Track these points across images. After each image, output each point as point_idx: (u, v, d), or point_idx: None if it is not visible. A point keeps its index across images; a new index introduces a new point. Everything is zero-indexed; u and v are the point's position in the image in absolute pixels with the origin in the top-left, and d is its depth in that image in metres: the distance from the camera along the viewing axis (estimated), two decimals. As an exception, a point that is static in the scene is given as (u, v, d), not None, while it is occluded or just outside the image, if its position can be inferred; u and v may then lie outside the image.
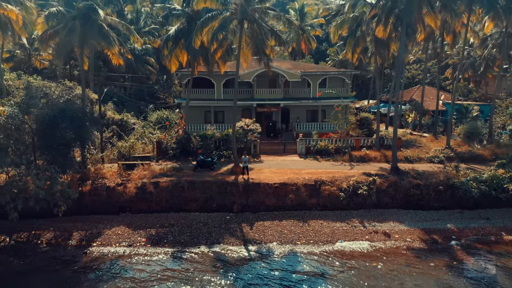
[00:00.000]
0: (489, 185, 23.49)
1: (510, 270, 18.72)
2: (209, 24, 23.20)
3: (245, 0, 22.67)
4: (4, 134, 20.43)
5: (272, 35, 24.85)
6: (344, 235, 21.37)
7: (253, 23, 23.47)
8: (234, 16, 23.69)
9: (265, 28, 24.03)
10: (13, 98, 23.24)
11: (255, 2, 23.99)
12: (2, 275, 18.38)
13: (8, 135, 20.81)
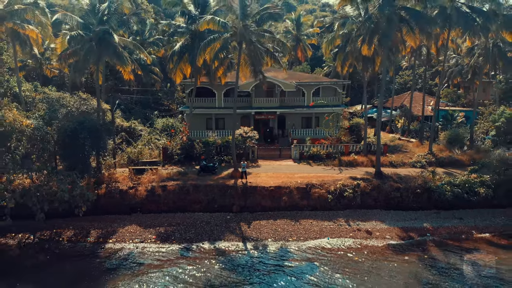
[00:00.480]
0: (462, 188, 26.08)
1: (476, 263, 21.30)
2: (211, 45, 25.83)
3: (243, 24, 25.29)
4: (30, 144, 23.01)
5: (268, 55, 27.45)
6: (331, 233, 23.97)
7: (250, 44, 26.10)
8: (234, 37, 26.33)
9: (261, 50, 26.62)
10: (37, 111, 25.79)
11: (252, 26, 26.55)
12: (28, 268, 20.87)
13: (34, 144, 23.41)
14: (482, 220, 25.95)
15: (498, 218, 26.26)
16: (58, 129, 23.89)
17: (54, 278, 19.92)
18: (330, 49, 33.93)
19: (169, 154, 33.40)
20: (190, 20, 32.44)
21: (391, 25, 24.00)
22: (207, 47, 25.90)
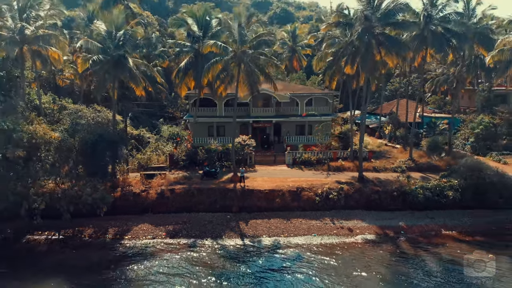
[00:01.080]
0: (433, 192, 29.48)
1: (441, 256, 24.67)
2: (214, 66, 29.27)
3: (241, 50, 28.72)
4: (57, 154, 26.44)
5: (263, 74, 30.89)
6: (317, 230, 27.38)
7: (247, 66, 29.53)
8: (233, 59, 29.78)
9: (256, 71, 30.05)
10: (62, 125, 29.18)
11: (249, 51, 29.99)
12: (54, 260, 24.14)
13: (60, 154, 26.84)
14: (451, 220, 29.32)
15: (466, 218, 29.60)
16: (81, 141, 27.31)
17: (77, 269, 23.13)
18: (319, 66, 37.28)
19: (175, 160, 36.83)
20: (194, 40, 35.84)
21: (368, 51, 27.43)
22: (210, 69, 29.40)
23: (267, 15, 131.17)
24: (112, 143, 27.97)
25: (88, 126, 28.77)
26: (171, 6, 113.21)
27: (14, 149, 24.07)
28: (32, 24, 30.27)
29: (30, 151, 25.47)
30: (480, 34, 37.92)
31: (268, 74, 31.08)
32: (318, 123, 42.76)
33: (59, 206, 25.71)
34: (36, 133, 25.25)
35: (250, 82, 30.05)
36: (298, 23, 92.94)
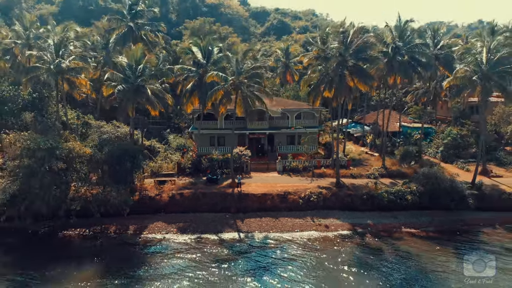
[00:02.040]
0: (396, 195, 35.24)
1: (398, 247, 30.36)
2: (217, 92, 35.08)
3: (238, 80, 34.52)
4: (89, 165, 32.20)
5: (257, 99, 36.69)
6: (300, 227, 33.13)
7: (243, 92, 35.30)
8: (232, 86, 35.59)
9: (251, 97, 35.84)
10: (91, 141, 34.90)
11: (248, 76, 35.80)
12: (86, 251, 29.71)
13: (91, 165, 32.60)
14: (411, 219, 34.99)
15: (424, 218, 35.25)
16: (108, 154, 33.01)
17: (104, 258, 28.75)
18: (306, 86, 42.99)
19: (182, 167, 42.59)
20: (199, 66, 41.55)
21: (342, 81, 33.16)
22: (213, 95, 35.25)
23: (264, 26, 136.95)
24: (133, 155, 33.72)
25: (113, 142, 34.46)
26: (174, 19, 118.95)
27: (56, 162, 29.82)
28: (66, 58, 36.02)
29: (68, 164, 31.22)
30: (444, 59, 43.75)
31: (260, 98, 36.74)
32: (306, 134, 48.57)
33: (92, 207, 31.47)
34: (73, 149, 31.00)
35: (245, 104, 35.86)
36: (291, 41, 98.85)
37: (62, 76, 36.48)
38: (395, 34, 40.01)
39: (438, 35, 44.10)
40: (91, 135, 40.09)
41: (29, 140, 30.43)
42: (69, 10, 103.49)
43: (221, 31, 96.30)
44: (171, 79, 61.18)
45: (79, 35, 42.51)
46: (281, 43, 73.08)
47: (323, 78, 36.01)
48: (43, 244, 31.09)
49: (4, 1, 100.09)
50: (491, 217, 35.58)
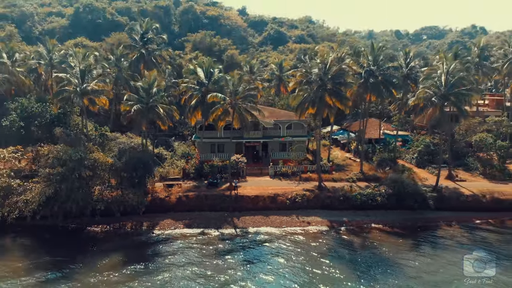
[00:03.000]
0: (367, 197, 41.25)
1: (367, 240, 36.40)
2: (216, 111, 41.17)
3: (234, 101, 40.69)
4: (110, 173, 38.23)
5: (250, 115, 42.74)
6: (286, 223, 39.12)
7: (239, 111, 41.41)
8: (229, 105, 41.68)
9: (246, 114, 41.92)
10: (112, 152, 40.89)
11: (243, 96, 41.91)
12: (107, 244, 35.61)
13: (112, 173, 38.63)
14: (380, 217, 40.99)
15: (391, 216, 41.26)
16: (126, 163, 39.02)
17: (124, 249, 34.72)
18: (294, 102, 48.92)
19: (186, 173, 48.54)
20: (202, 84, 47.53)
21: (322, 101, 39.25)
22: (214, 112, 41.32)
23: (262, 36, 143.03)
24: (146, 163, 39.74)
25: (129, 152, 40.48)
26: (177, 30, 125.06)
27: (84, 170, 35.85)
28: (90, 82, 42.07)
29: (93, 171, 37.25)
30: (414, 78, 49.84)
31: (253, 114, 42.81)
32: (295, 142, 54.67)
33: (113, 207, 37.51)
34: (98, 159, 37.03)
35: (241, 119, 41.95)
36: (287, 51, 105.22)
37: (86, 96, 42.46)
38: (370, 58, 46.06)
39: (409, 57, 50.10)
40: (107, 145, 46.20)
41: (62, 152, 36.44)
42: (79, 24, 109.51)
43: (220, 43, 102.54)
44: (176, 92, 67.70)
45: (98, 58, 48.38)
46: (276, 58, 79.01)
47: (306, 97, 42.07)
48: (72, 238, 37.09)
49: (18, 15, 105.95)
50: (449, 216, 41.59)
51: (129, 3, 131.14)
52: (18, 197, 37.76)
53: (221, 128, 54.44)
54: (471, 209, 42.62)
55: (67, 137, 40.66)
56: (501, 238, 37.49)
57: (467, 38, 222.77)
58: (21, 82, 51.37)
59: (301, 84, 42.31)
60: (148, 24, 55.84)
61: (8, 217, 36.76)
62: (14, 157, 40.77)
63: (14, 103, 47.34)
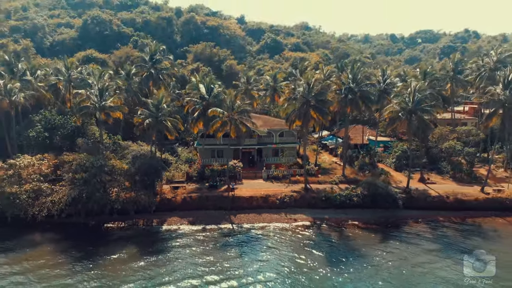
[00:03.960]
0: (345, 197, 47.36)
1: (343, 234, 42.53)
2: (216, 122, 47.35)
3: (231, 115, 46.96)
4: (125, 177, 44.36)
5: (246, 128, 48.91)
6: (276, 220, 45.23)
7: (235, 124, 47.61)
8: (227, 118, 47.87)
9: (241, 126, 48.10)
10: (125, 158, 47.00)
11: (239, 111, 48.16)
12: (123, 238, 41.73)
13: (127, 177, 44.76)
14: (357, 215, 47.04)
15: (366, 214, 47.34)
16: (138, 168, 45.12)
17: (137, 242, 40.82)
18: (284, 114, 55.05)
19: (190, 176, 54.61)
20: (203, 99, 53.67)
21: (306, 115, 45.43)
22: (214, 125, 47.49)
23: (259, 44, 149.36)
24: (155, 168, 45.87)
25: (140, 158, 46.60)
26: (179, 40, 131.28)
27: (104, 175, 41.97)
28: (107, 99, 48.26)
29: (111, 175, 43.37)
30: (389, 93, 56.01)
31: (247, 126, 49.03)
32: (287, 149, 60.87)
33: (127, 206, 43.62)
34: (115, 165, 43.16)
35: (237, 130, 48.15)
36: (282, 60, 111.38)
37: (104, 111, 48.63)
38: (350, 76, 52.27)
39: (386, 74, 56.28)
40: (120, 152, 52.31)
41: (85, 159, 42.58)
42: (87, 35, 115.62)
43: (220, 54, 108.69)
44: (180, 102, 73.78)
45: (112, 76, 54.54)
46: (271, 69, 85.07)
47: (294, 111, 48.30)
48: (93, 233, 43.08)
49: (30, 27, 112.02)
50: (417, 214, 47.69)
51: (134, 14, 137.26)
52: (47, 198, 43.87)
53: (220, 136, 60.92)
54: (437, 208, 48.78)
55: (87, 146, 46.71)
56: (459, 233, 43.56)
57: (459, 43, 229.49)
58: (42, 96, 57.47)
59: (290, 100, 48.42)
60: (156, 46, 62.22)
61: (38, 215, 42.90)
62: (41, 164, 46.80)
63: (38, 116, 53.42)
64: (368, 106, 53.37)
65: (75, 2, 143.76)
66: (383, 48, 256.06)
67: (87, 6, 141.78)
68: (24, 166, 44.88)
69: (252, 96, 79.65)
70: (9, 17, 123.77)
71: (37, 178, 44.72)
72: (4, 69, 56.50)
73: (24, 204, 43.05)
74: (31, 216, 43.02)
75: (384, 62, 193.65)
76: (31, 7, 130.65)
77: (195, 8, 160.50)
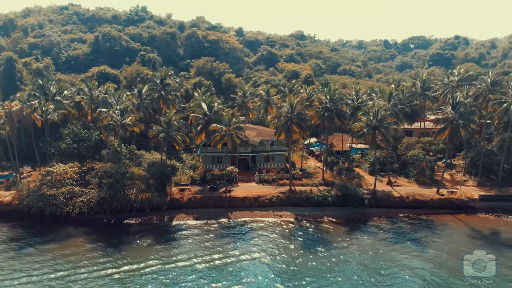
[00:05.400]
0: (322, 197, 56.80)
1: (319, 227, 51.96)
2: (216, 136, 56.85)
3: (228, 130, 56.47)
4: (142, 181, 53.91)
5: (241, 140, 58.37)
6: (265, 216, 54.65)
7: (231, 136, 57.12)
8: (225, 132, 57.41)
9: (237, 139, 57.61)
10: (142, 166, 56.47)
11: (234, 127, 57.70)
12: (141, 231, 51.27)
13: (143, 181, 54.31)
14: (331, 211, 56.47)
15: (339, 211, 56.72)
16: (152, 174, 54.59)
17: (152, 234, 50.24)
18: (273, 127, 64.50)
19: (193, 180, 64.08)
20: (205, 115, 63.16)
21: (289, 130, 54.96)
22: (214, 138, 56.97)
23: (256, 56, 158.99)
24: (166, 174, 55.35)
25: (155, 166, 56.09)
26: (182, 53, 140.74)
27: (126, 180, 51.43)
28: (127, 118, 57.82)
29: (131, 180, 52.86)
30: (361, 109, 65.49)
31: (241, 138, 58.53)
32: (276, 156, 70.38)
33: (144, 205, 53.12)
34: (134, 172, 52.66)
35: (233, 142, 57.69)
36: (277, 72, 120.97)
37: (124, 127, 58.21)
38: (328, 97, 61.82)
39: (358, 94, 65.82)
40: (135, 160, 61.80)
41: (110, 168, 52.07)
42: (99, 50, 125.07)
43: (220, 68, 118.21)
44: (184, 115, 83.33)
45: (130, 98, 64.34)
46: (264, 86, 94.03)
47: (279, 126, 57.89)
48: (115, 227, 52.47)
49: (47, 44, 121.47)
50: (380, 212, 57.15)
51: (140, 29, 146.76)
52: (78, 199, 53.29)
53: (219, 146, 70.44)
54: (398, 206, 58.21)
55: (110, 156, 56.20)
56: (413, 227, 52.89)
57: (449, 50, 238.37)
58: (69, 112, 67.03)
59: (276, 117, 58.02)
60: (165, 71, 71.93)
61: (72, 213, 52.33)
62: (72, 171, 56.28)
63: (66, 129, 62.88)
64: (342, 121, 62.90)
65: (86, 17, 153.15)
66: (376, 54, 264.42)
67: (96, 21, 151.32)
68: (59, 173, 54.31)
69: (248, 108, 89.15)
70: (26, 32, 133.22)
71: (70, 182, 54.16)
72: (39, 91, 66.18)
73: (60, 203, 52.43)
74: (66, 213, 52.42)
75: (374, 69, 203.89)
76: (46, 24, 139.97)
77: (197, 22, 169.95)
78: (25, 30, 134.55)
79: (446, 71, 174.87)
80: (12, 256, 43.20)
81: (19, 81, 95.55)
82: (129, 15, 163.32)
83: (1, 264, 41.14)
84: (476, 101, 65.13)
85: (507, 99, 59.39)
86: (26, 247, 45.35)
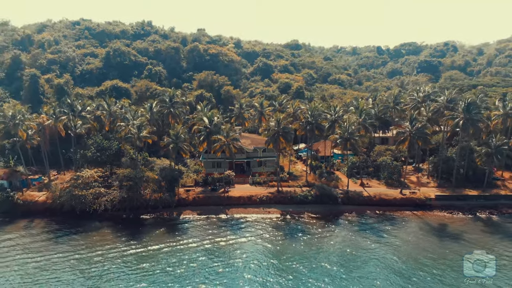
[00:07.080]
0: (303, 196, 67.34)
1: (300, 221, 62.55)
2: (216, 146, 67.38)
3: (227, 141, 67.04)
4: (155, 183, 64.52)
5: (237, 149, 68.95)
6: (256, 212, 65.11)
7: (229, 146, 67.67)
8: (224, 142, 67.97)
9: (233, 148, 68.15)
10: (155, 171, 67.04)
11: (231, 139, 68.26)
12: (154, 225, 61.79)
13: (156, 183, 64.94)
14: (311, 208, 66.94)
15: (317, 208, 67.21)
16: (163, 177, 65.17)
17: (164, 227, 60.79)
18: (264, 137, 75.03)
19: (197, 182, 74.63)
20: (206, 127, 73.76)
21: (276, 141, 65.53)
22: (214, 148, 67.55)
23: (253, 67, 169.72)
24: (175, 177, 65.95)
25: (166, 170, 66.68)
26: (185, 66, 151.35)
27: (143, 183, 62.05)
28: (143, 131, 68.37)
29: (147, 183, 63.48)
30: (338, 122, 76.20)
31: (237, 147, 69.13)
32: (268, 161, 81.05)
33: (158, 204, 63.75)
34: (149, 176, 63.25)
35: (230, 151, 68.33)
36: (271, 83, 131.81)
37: (141, 139, 68.85)
38: (310, 113, 72.51)
39: (336, 109, 76.48)
40: (148, 165, 72.42)
41: (129, 172, 62.66)
42: (110, 64, 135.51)
43: (219, 81, 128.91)
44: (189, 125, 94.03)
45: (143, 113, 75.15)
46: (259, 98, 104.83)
47: (269, 137, 68.58)
48: (133, 222, 62.96)
49: (64, 60, 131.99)
50: (352, 209, 67.63)
51: (147, 43, 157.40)
52: (103, 198, 63.80)
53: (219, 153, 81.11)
54: (367, 204, 68.71)
55: (128, 162, 66.77)
56: (377, 220, 63.43)
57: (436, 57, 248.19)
58: (91, 125, 77.73)
59: (266, 130, 68.75)
60: (173, 91, 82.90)
61: (98, 210, 62.87)
62: (97, 175, 66.85)
63: (90, 140, 73.44)
64: (321, 133, 73.66)
65: (96, 32, 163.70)
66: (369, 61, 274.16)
67: (106, 36, 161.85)
68: (87, 176, 64.90)
69: (244, 118, 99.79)
70: (43, 47, 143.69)
71: (96, 185, 64.77)
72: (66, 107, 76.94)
73: (88, 202, 62.95)
74: (93, 210, 62.94)
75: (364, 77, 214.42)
76: (62, 40, 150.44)
77: (198, 36, 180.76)
78: (41, 45, 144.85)
79: (431, 78, 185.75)
80: (58, 241, 53.83)
81: (42, 95, 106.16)
82: (136, 30, 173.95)
83: (51, 247, 51.77)
84: (434, 115, 75.85)
85: (458, 115, 70.05)
86: (64, 236, 55.91)
